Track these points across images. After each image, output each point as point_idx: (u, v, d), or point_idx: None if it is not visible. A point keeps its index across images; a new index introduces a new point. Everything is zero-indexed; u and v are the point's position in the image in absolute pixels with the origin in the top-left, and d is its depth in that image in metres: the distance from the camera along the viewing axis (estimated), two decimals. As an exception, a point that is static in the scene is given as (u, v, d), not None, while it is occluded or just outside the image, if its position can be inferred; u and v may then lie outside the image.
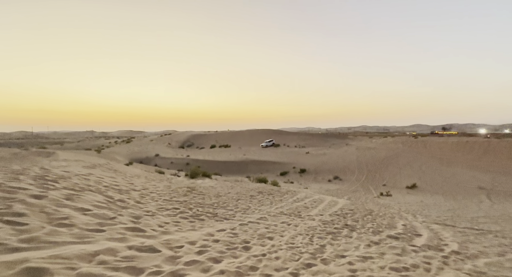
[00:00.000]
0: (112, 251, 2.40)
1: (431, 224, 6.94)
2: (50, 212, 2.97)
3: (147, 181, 7.99)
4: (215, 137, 64.93)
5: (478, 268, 3.50)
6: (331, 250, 3.67)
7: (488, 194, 19.44)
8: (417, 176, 26.31)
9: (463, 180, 23.82)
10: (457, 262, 3.66)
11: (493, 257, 4.15)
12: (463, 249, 4.51)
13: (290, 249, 3.49)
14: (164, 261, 2.48)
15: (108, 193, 4.84)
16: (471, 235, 5.91)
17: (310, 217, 6.02)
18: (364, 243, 4.24)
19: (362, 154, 37.09)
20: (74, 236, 2.54)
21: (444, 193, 20.74)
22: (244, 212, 5.66)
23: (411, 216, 8.30)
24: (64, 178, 5.03)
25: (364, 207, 8.91)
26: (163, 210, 4.60)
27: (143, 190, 6.21)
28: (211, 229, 3.96)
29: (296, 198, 8.84)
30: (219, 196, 7.17)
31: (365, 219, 6.45)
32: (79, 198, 3.85)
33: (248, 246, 3.39)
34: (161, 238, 3.07)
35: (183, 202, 5.68)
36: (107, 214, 3.47)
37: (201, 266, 2.53)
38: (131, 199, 4.83)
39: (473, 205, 15.54)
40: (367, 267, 3.12)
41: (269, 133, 64.11)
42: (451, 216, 10.20)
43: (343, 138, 61.90)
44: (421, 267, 3.30)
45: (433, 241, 4.90)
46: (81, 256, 2.16)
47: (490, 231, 6.70)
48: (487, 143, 33.60)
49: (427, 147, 38.07)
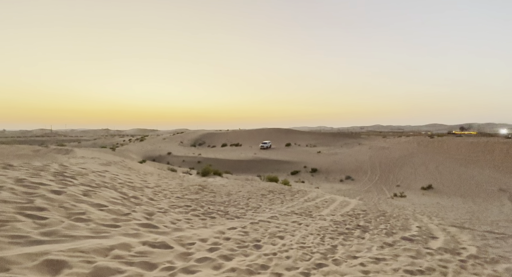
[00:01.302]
0: (126, 246, 2.46)
1: (448, 226, 6.73)
2: (68, 207, 3.08)
3: (159, 179, 8.14)
4: (226, 136, 65.36)
5: (498, 273, 3.36)
6: (342, 251, 3.62)
7: (510, 197, 18.64)
8: (433, 177, 25.55)
9: (483, 181, 22.94)
10: (475, 267, 3.54)
11: (514, 262, 3.97)
12: (482, 253, 4.35)
13: (301, 249, 3.47)
14: (176, 257, 2.52)
15: (123, 190, 4.97)
16: (491, 239, 5.68)
17: (321, 217, 5.97)
18: (377, 244, 4.16)
19: (375, 154, 36.37)
20: (91, 230, 2.62)
21: (462, 195, 20.05)
22: (255, 210, 5.67)
23: (426, 218, 8.08)
24: (82, 175, 5.20)
25: (377, 208, 8.74)
26: (175, 207, 4.68)
27: (156, 187, 6.34)
28: (222, 227, 4.00)
29: (307, 197, 8.78)
30: (230, 195, 7.22)
31: (378, 220, 6.33)
32: (96, 194, 3.97)
33: (259, 245, 3.39)
34: (174, 235, 3.13)
35: (194, 199, 5.75)
36: (122, 210, 3.56)
37: (212, 263, 2.55)
38: (144, 196, 4.94)
39: (494, 208, 14.95)
40: (380, 269, 3.06)
41: (280, 132, 63.90)
42: (469, 218, 9.85)
43: (355, 137, 60.87)
44: (437, 270, 3.21)
45: (450, 244, 4.75)
46: (98, 250, 2.23)
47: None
48: (509, 144, 32.20)
49: (444, 147, 36.88)
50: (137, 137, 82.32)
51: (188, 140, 63.49)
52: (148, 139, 66.39)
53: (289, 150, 45.11)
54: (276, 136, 60.41)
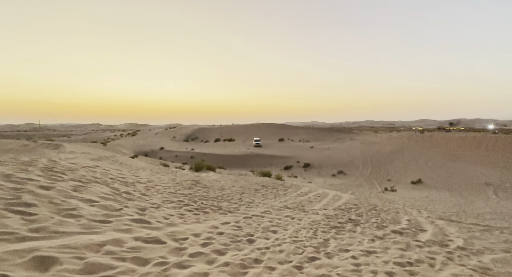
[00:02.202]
0: (118, 241, 2.44)
1: (436, 219, 6.90)
2: (58, 203, 3.02)
3: (152, 174, 8.07)
4: (219, 131, 65.12)
5: (484, 264, 3.48)
6: (334, 244, 3.68)
7: (495, 190, 19.23)
8: (423, 171, 26.11)
9: (470, 176, 23.56)
10: (462, 258, 3.65)
11: (499, 254, 4.11)
12: (469, 245, 4.48)
13: (294, 243, 3.51)
14: (169, 253, 2.51)
15: (114, 185, 4.90)
16: (477, 231, 5.86)
17: (314, 211, 6.03)
18: (368, 237, 4.23)
19: (367, 149, 36.87)
20: (81, 226, 2.59)
21: (450, 188, 20.58)
22: (248, 205, 5.69)
23: (416, 212, 8.26)
24: (72, 170, 5.10)
25: (368, 202, 8.89)
26: (168, 203, 4.65)
27: (148, 182, 6.28)
28: (216, 221, 4.00)
29: (300, 192, 8.86)
30: (223, 190, 7.22)
31: (369, 214, 6.44)
32: (86, 189, 3.91)
33: (252, 239, 3.41)
34: (166, 230, 3.11)
35: (187, 195, 5.73)
36: (114, 205, 3.52)
37: (206, 258, 2.56)
38: (136, 191, 4.89)
39: (480, 201, 15.41)
40: (371, 262, 3.12)
41: (273, 127, 64.02)
42: (456, 212, 10.13)
43: (347, 132, 61.53)
44: (425, 262, 3.29)
45: (438, 236, 4.88)
46: (89, 246, 2.20)
47: (497, 228, 6.64)
48: (495, 139, 33.07)
49: (433, 142, 37.64)
50: (129, 132, 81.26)
51: (181, 135, 63.02)
52: (140, 134, 65.63)
53: (282, 145, 45.31)
54: (269, 131, 60.51)
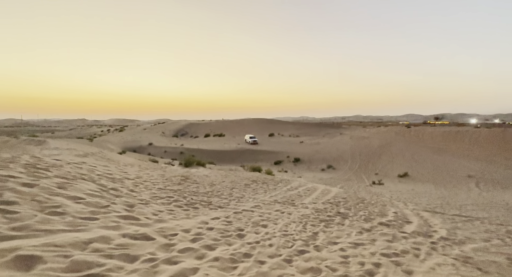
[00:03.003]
0: (105, 239, 2.39)
1: (421, 211, 7.12)
2: (41, 200, 2.93)
3: (140, 170, 7.94)
4: (209, 126, 64.67)
5: (465, 253, 3.62)
6: (323, 237, 3.74)
7: (477, 183, 19.98)
8: (409, 165, 26.81)
9: (454, 169, 24.37)
10: (445, 248, 3.78)
11: (480, 243, 4.29)
12: (451, 235, 4.65)
13: (284, 237, 3.54)
14: (158, 249, 2.49)
15: (101, 181, 4.80)
16: (459, 222, 6.08)
17: (303, 205, 6.10)
18: (356, 230, 4.32)
19: (355, 144, 37.47)
20: (67, 224, 2.52)
21: (435, 181, 21.24)
22: (239, 200, 5.70)
23: (402, 204, 8.50)
24: (56, 167, 4.96)
25: (356, 196, 9.07)
26: (157, 199, 4.60)
27: (136, 178, 6.18)
28: (206, 217, 3.99)
29: (290, 186, 8.94)
30: (214, 185, 7.20)
31: (357, 207, 6.57)
32: (72, 186, 3.81)
33: (242, 234, 3.42)
34: (155, 226, 3.08)
35: (177, 190, 5.68)
36: (101, 202, 3.44)
37: (195, 254, 2.55)
38: (124, 188, 4.81)
39: (462, 193, 15.98)
40: (358, 253, 3.19)
41: (264, 123, 64.09)
42: (440, 203, 10.48)
43: (337, 127, 62.30)
44: (410, 252, 3.39)
45: (423, 228, 5.03)
46: (74, 244, 2.15)
47: (478, 218, 6.91)
48: (478, 133, 34.24)
49: (419, 136, 38.63)
50: (116, 127, 79.61)
51: (170, 131, 62.21)
52: (128, 129, 64.40)
53: (273, 140, 45.47)
54: (259, 126, 60.54)
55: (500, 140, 30.89)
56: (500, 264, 3.28)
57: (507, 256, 3.59)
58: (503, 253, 3.77)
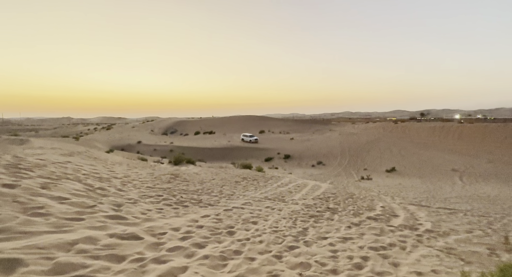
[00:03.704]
0: (92, 239, 2.34)
1: (407, 205, 7.30)
2: (23, 201, 2.83)
3: (129, 169, 7.81)
4: (199, 123, 64.14)
5: (449, 244, 3.74)
6: (313, 233, 3.78)
7: (460, 176, 20.65)
8: (396, 160, 27.41)
9: (439, 163, 25.08)
10: (430, 240, 3.89)
11: (463, 234, 4.44)
12: (436, 227, 4.79)
13: (274, 233, 3.56)
14: (147, 248, 2.45)
15: (88, 181, 4.69)
16: (444, 215, 6.28)
17: (293, 201, 6.15)
18: (345, 225, 4.39)
19: (344, 140, 37.99)
20: (50, 225, 2.45)
21: (421, 175, 21.81)
22: (229, 198, 5.69)
23: (389, 198, 8.69)
24: (40, 166, 4.80)
25: (345, 191, 9.21)
26: (146, 198, 4.53)
27: (124, 177, 6.07)
28: (195, 215, 3.96)
29: (280, 183, 8.98)
30: (204, 183, 7.15)
31: (346, 202, 6.68)
32: (56, 186, 3.70)
33: (233, 231, 3.42)
34: (144, 225, 3.03)
35: (166, 189, 5.62)
36: (87, 202, 3.36)
37: (185, 252, 2.53)
38: (112, 187, 4.71)
39: (447, 186, 16.49)
40: (347, 248, 3.25)
41: (254, 120, 64.03)
42: (426, 197, 10.78)
43: (326, 124, 62.92)
44: (397, 245, 3.48)
45: (409, 221, 5.16)
46: (59, 245, 2.09)
47: (461, 210, 7.15)
48: (461, 128, 35.32)
49: (406, 132, 39.51)
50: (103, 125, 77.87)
51: (159, 128, 61.35)
52: (116, 127, 63.10)
53: (263, 137, 45.51)
54: (250, 123, 60.47)
55: (482, 134, 31.98)
56: (481, 254, 3.40)
57: (488, 247, 3.74)
58: (484, 243, 3.92)
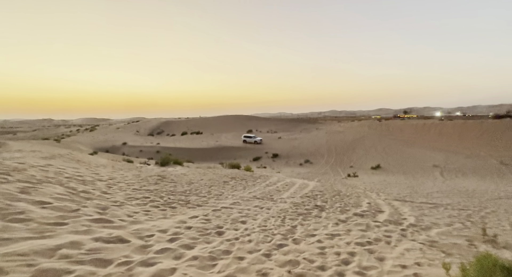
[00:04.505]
0: (76, 244, 2.28)
1: (392, 201, 7.52)
2: (1, 207, 2.72)
3: (114, 171, 7.62)
4: (186, 124, 63.40)
5: (431, 237, 3.88)
6: (301, 230, 3.83)
7: (441, 172, 21.44)
8: (381, 157, 28.12)
9: (421, 159, 25.93)
10: (413, 234, 4.03)
11: (443, 227, 4.62)
12: (419, 221, 4.96)
13: (263, 232, 3.58)
14: (133, 251, 2.41)
15: (71, 184, 4.54)
16: (426, 209, 6.51)
17: (282, 200, 6.20)
18: (332, 221, 4.48)
19: (331, 138, 38.60)
20: (31, 231, 2.36)
21: (405, 172, 22.48)
22: (217, 198, 5.66)
23: (375, 195, 8.91)
24: (18, 170, 4.61)
25: (332, 188, 9.36)
26: (132, 200, 4.44)
27: (109, 180, 5.92)
28: (184, 216, 3.92)
29: (269, 182, 9.03)
30: (192, 183, 7.09)
31: (334, 199, 6.80)
32: (37, 191, 3.57)
33: (221, 231, 3.41)
34: (130, 228, 2.98)
35: (153, 190, 5.53)
36: (70, 206, 3.26)
37: (173, 254, 2.50)
38: (96, 190, 4.59)
39: (429, 181, 17.08)
40: (334, 244, 3.31)
41: (241, 119, 63.95)
42: (410, 192, 11.13)
43: (313, 123, 63.71)
44: (383, 240, 3.58)
45: (394, 216, 5.32)
46: (40, 251, 2.02)
47: (442, 204, 7.44)
48: (441, 125, 36.66)
49: (390, 130, 40.60)
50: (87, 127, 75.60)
51: (145, 129, 60.17)
52: (100, 129, 61.39)
53: (251, 137, 45.49)
54: (237, 123, 60.34)
55: (460, 131, 33.34)
56: (461, 246, 3.55)
57: (467, 238, 3.91)
58: (463, 235, 4.09)
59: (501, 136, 29.66)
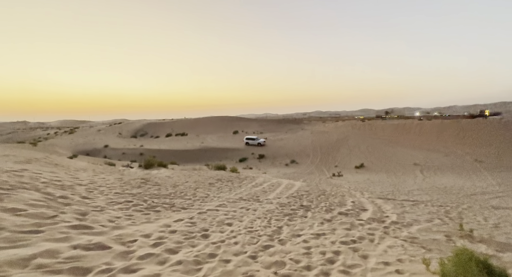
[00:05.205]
0: (52, 252, 2.17)
1: (375, 199, 7.71)
2: (-30, 216, 2.55)
3: (95, 175, 7.36)
4: (170, 125, 62.34)
5: (412, 234, 4.01)
6: (287, 231, 3.84)
7: (421, 170, 22.24)
8: (365, 156, 28.82)
9: (402, 158, 26.80)
10: (395, 231, 4.14)
11: (424, 224, 4.79)
12: (401, 219, 5.12)
13: (249, 233, 3.56)
14: (115, 258, 2.33)
15: (48, 189, 4.34)
16: (407, 206, 6.72)
17: (268, 200, 6.21)
18: (318, 221, 4.53)
19: (316, 138, 39.15)
20: (3, 240, 2.23)
21: (387, 170, 23.14)
22: (203, 200, 5.59)
23: (359, 193, 9.10)
24: (-10, 176, 4.35)
25: (318, 188, 9.49)
26: (114, 204, 4.30)
27: (90, 184, 5.72)
28: (168, 220, 3.84)
29: (255, 183, 9.02)
30: (176, 186, 6.97)
31: (319, 199, 6.88)
32: (10, 197, 3.38)
33: (207, 234, 3.37)
34: (112, 234, 2.88)
35: (136, 194, 5.38)
36: (46, 213, 3.11)
37: (156, 259, 2.44)
38: (76, 195, 4.41)
39: (410, 179, 17.67)
40: (320, 243, 3.35)
41: (227, 120, 63.68)
42: (392, 190, 11.46)
43: (299, 123, 64.41)
44: (366, 238, 3.66)
45: (377, 214, 5.45)
46: (13, 261, 1.91)
47: (422, 201, 7.71)
48: (421, 125, 38.08)
49: (372, 129, 41.71)
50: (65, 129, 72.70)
51: (127, 131, 58.61)
52: (80, 131, 59.20)
53: (237, 138, 45.40)
54: (223, 124, 60.03)
55: (438, 130, 34.77)
56: (440, 241, 3.69)
57: (445, 234, 4.06)
58: (442, 231, 4.26)
59: (475, 134, 31.19)
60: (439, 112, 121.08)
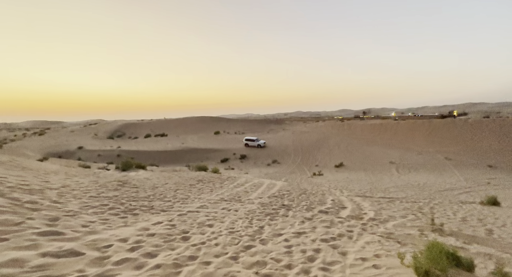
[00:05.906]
0: (18, 261, 2.03)
1: (354, 197, 7.93)
2: None
3: (67, 178, 6.99)
4: (149, 126, 60.67)
5: (388, 230, 4.16)
6: (269, 230, 3.85)
7: (397, 168, 23.20)
8: (344, 155, 29.61)
9: (379, 157, 27.82)
10: (373, 227, 4.28)
11: (399, 219, 4.99)
12: (378, 215, 5.30)
13: (230, 234, 3.53)
14: (88, 264, 2.22)
15: (14, 194, 4.06)
16: (384, 203, 6.97)
17: (250, 201, 6.20)
18: (299, 220, 4.58)
19: (297, 138, 39.71)
20: (-39, 251, 2.05)
21: (365, 169, 23.92)
22: (183, 202, 5.48)
23: (338, 192, 9.33)
24: None
25: (299, 187, 9.61)
26: (88, 208, 4.11)
27: (62, 188, 5.42)
28: (146, 223, 3.72)
29: (237, 183, 8.99)
30: (156, 188, 6.78)
31: (300, 198, 6.97)
32: (-30, 204, 3.12)
33: (187, 236, 3.30)
34: (85, 239, 2.74)
35: (113, 197, 5.17)
36: (11, 219, 2.91)
37: (133, 264, 2.35)
38: (45, 199, 4.16)
39: (386, 177, 18.38)
40: (300, 242, 3.38)
41: (208, 121, 63.00)
42: (370, 188, 11.85)
43: (280, 123, 65.00)
44: (345, 235, 3.75)
45: (355, 211, 5.61)
46: (-27, 274, 1.76)
47: (398, 198, 8.03)
48: (396, 125, 39.74)
49: (351, 129, 42.96)
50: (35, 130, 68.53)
51: (103, 132, 56.29)
52: (51, 132, 56.04)
53: (218, 138, 45.04)
54: (204, 124, 59.31)
55: (412, 130, 36.45)
56: (414, 236, 3.86)
57: (419, 228, 4.26)
58: (416, 226, 4.45)
59: (446, 134, 33.02)
60: (413, 112, 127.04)
